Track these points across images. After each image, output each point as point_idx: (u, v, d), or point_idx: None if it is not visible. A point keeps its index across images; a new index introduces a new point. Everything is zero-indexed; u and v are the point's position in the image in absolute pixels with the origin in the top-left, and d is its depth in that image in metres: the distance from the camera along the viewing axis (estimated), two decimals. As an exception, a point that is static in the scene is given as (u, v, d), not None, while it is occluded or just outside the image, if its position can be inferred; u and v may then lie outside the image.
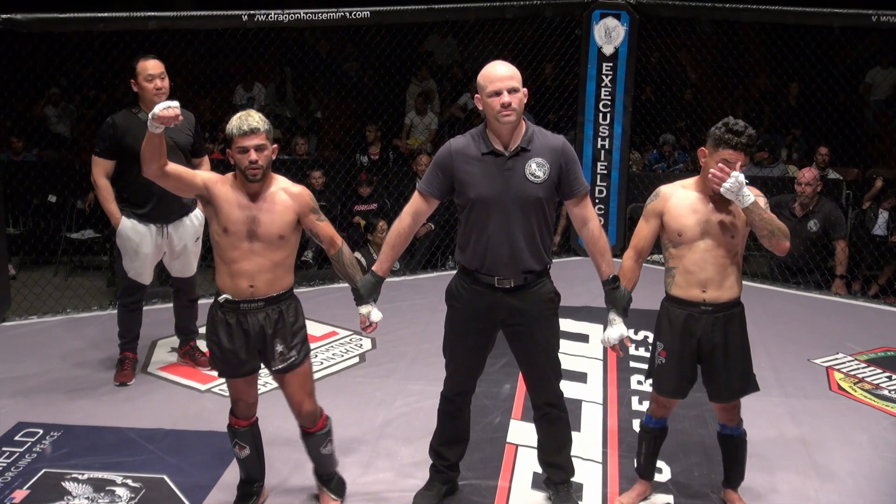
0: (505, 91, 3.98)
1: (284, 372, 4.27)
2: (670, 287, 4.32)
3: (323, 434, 4.43)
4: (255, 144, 4.05)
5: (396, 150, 10.88)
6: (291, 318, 4.26)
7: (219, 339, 4.24)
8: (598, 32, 8.37)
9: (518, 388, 5.68)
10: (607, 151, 8.52)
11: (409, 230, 4.30)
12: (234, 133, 4.07)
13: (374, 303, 4.33)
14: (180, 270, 6.01)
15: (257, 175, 4.07)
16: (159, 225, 5.79)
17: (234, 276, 4.17)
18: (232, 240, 4.14)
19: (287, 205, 4.18)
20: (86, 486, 4.69)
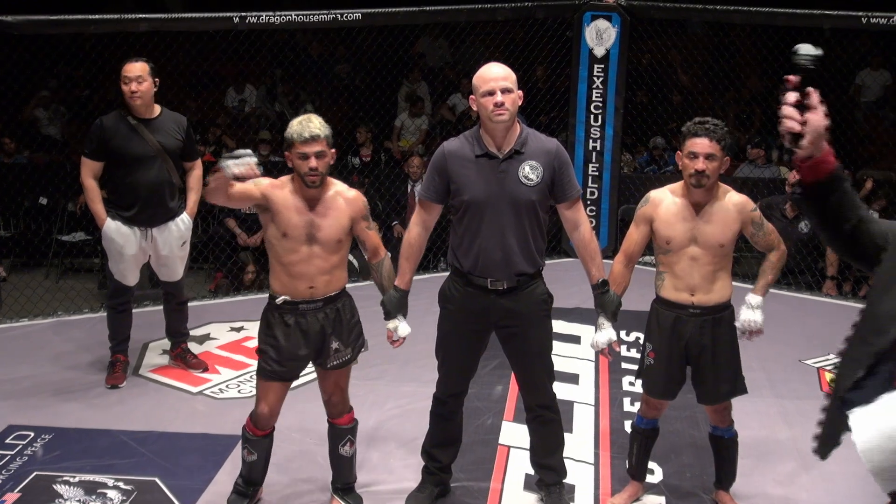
0: (498, 91, 3.99)
1: (338, 368, 4.35)
2: (660, 289, 4.33)
3: (346, 429, 4.47)
4: (316, 151, 4.05)
5: (388, 151, 10.88)
6: (348, 315, 4.34)
7: (276, 340, 4.26)
8: (590, 34, 8.38)
9: (510, 390, 5.69)
10: (599, 153, 8.53)
11: (419, 240, 4.31)
12: (295, 139, 4.05)
13: (403, 318, 4.36)
14: (168, 275, 6.00)
15: (316, 181, 4.09)
16: (143, 228, 5.77)
17: (293, 278, 4.20)
18: (291, 244, 4.16)
19: (343, 209, 4.21)
20: (77, 489, 4.68)
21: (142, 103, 5.65)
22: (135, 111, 5.67)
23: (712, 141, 4.09)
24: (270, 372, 4.29)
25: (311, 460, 4.95)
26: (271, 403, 4.33)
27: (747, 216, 4.22)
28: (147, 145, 5.65)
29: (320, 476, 4.78)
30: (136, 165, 5.66)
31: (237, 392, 5.88)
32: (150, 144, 5.66)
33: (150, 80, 5.66)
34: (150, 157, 5.66)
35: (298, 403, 5.29)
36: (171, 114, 5.86)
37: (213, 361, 6.32)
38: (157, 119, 5.75)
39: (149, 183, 5.68)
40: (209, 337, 6.76)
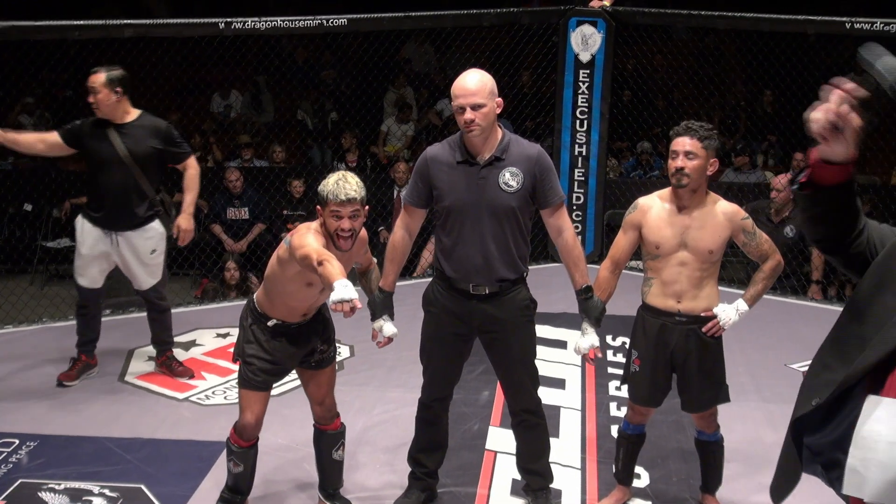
0: (468, 108, 3.99)
1: (318, 368, 4.37)
2: (646, 296, 4.34)
3: (337, 434, 4.49)
4: (350, 212, 3.96)
5: (374, 156, 10.88)
6: (327, 315, 4.38)
7: (266, 352, 4.23)
8: (575, 40, 8.40)
9: (496, 395, 5.68)
10: (584, 158, 8.54)
11: (403, 243, 4.33)
12: (330, 198, 3.96)
13: (388, 318, 4.37)
14: (138, 283, 5.98)
15: (347, 246, 4.01)
16: (107, 231, 5.77)
17: (291, 310, 4.22)
18: (309, 291, 4.13)
19: (357, 254, 4.23)
20: (63, 497, 4.66)
21: (101, 113, 5.67)
22: (106, 117, 5.68)
23: (693, 139, 4.11)
24: (259, 382, 4.25)
25: (297, 466, 4.94)
26: (257, 413, 4.30)
27: (738, 225, 4.22)
28: (114, 150, 5.65)
29: (305, 481, 4.78)
30: (103, 168, 5.69)
31: (223, 398, 5.86)
32: (117, 149, 5.65)
33: (106, 90, 5.62)
34: (117, 162, 5.66)
35: (284, 409, 5.28)
36: (149, 119, 5.83)
37: (199, 368, 6.30)
38: (130, 124, 5.74)
39: (114, 187, 5.68)
40: (195, 343, 6.75)
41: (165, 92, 10.75)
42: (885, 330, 2.17)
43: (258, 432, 4.38)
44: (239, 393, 4.33)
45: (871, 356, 2.17)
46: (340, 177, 4.01)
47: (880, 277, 2.27)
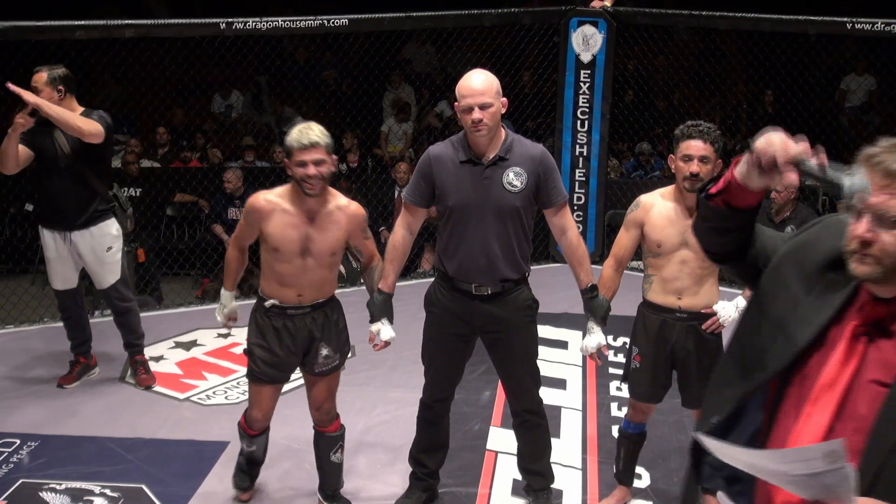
0: (476, 107, 3.98)
1: (325, 375, 4.36)
2: (647, 293, 4.34)
3: (336, 436, 4.50)
4: (314, 159, 3.99)
5: (375, 157, 10.89)
6: (336, 320, 4.36)
7: (266, 342, 4.28)
8: (576, 40, 8.40)
9: (498, 396, 5.69)
10: (585, 158, 8.55)
11: (404, 242, 4.31)
12: (294, 146, 4.00)
13: (387, 321, 4.34)
14: (97, 282, 5.93)
15: (314, 190, 4.04)
16: (61, 231, 5.73)
17: (283, 285, 4.22)
18: (284, 256, 4.17)
19: (341, 224, 4.21)
20: (64, 497, 4.66)
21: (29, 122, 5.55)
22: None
23: (706, 143, 4.10)
24: (260, 374, 4.31)
25: (299, 466, 4.94)
26: (264, 408, 4.39)
27: None
28: (58, 149, 5.61)
29: (306, 481, 4.78)
30: (49, 169, 5.64)
31: (224, 398, 5.86)
32: (62, 148, 5.61)
33: (48, 89, 5.55)
34: (62, 161, 5.61)
35: (285, 409, 5.28)
36: (90, 114, 5.67)
37: (200, 368, 6.31)
38: None
39: (60, 187, 5.62)
40: (196, 343, 6.75)
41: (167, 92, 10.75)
42: (778, 342, 2.10)
43: (267, 424, 4.50)
44: (248, 386, 4.45)
45: (766, 370, 2.11)
46: (304, 126, 4.08)
47: (772, 287, 2.19)
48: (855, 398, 1.95)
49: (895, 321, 1.95)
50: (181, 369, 6.32)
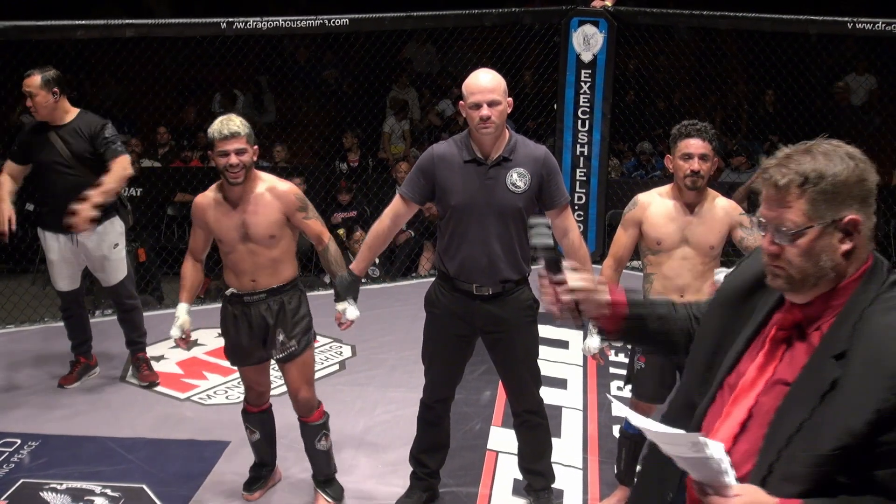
0: (485, 104, 3.98)
1: (284, 361, 4.43)
2: (648, 292, 4.34)
3: (317, 426, 4.54)
4: (235, 148, 4.15)
5: (376, 157, 10.88)
6: (293, 308, 4.41)
7: (227, 329, 4.46)
8: (577, 40, 8.39)
9: (498, 395, 5.68)
10: (586, 158, 8.54)
11: (387, 232, 4.32)
12: (215, 137, 4.17)
13: (353, 301, 4.38)
14: (104, 279, 5.95)
15: (238, 178, 4.18)
16: (67, 234, 5.70)
17: (237, 274, 4.35)
18: (227, 245, 4.32)
19: (273, 205, 4.29)
20: (64, 497, 4.66)
21: (40, 116, 5.61)
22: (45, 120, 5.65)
23: (705, 141, 4.12)
24: (229, 359, 4.57)
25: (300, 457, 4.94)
26: (251, 383, 4.58)
27: (736, 220, 4.23)
28: (57, 152, 5.61)
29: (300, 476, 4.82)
30: (50, 172, 5.64)
31: (225, 398, 5.86)
32: (60, 151, 5.61)
33: (42, 92, 5.55)
34: (63, 164, 5.62)
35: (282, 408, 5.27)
36: (86, 118, 5.72)
37: (201, 367, 6.31)
38: (68, 125, 5.66)
39: (63, 189, 5.60)
40: (197, 342, 6.74)
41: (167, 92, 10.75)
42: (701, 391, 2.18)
43: (265, 399, 4.64)
44: None
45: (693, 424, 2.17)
46: (224, 117, 4.23)
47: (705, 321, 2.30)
48: (765, 398, 2.03)
49: (811, 324, 2.01)
50: (182, 369, 6.32)
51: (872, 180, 1.94)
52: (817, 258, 1.94)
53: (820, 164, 1.93)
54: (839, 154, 1.95)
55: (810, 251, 1.94)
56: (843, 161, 1.93)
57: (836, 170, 1.92)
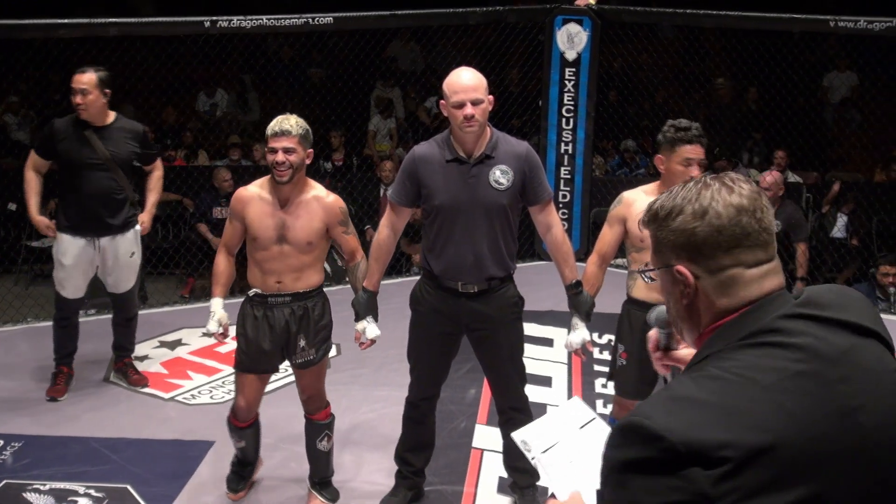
0: (468, 103, 3.99)
1: (301, 368, 4.42)
2: (632, 289, 4.35)
3: (323, 424, 4.54)
4: (284, 146, 4.16)
5: (361, 156, 10.87)
6: (317, 316, 4.40)
7: (245, 331, 4.39)
8: (561, 38, 8.40)
9: (483, 393, 5.69)
10: (570, 156, 8.55)
11: (388, 241, 4.32)
12: (267, 133, 4.22)
13: (372, 319, 4.38)
14: (113, 285, 5.89)
15: (283, 177, 4.19)
16: (90, 238, 5.67)
17: (263, 273, 4.33)
18: (262, 243, 4.29)
19: (317, 214, 4.30)
20: (48, 497, 4.64)
21: (88, 115, 5.55)
22: (86, 119, 5.59)
23: (702, 147, 4.17)
24: (240, 363, 4.43)
25: (288, 458, 4.94)
26: (247, 397, 4.45)
27: None
28: (96, 154, 5.56)
29: (298, 472, 4.80)
30: (84, 173, 5.57)
31: (209, 398, 5.85)
32: (100, 153, 5.56)
33: (97, 91, 5.52)
34: (99, 166, 5.57)
35: (278, 401, 5.28)
36: (126, 122, 5.77)
37: (185, 367, 6.29)
38: (109, 127, 5.64)
39: (96, 192, 5.58)
40: (181, 342, 6.73)
41: (150, 90, 10.72)
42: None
43: (252, 415, 4.53)
44: (235, 376, 4.55)
45: None
46: (283, 116, 4.26)
47: None
48: None
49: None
50: (166, 369, 6.30)
51: (708, 239, 1.67)
52: (669, 299, 1.82)
53: (668, 202, 1.76)
54: (705, 197, 1.70)
55: (664, 291, 1.82)
56: (695, 207, 1.69)
57: (680, 213, 1.72)
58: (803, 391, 1.51)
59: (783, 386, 1.50)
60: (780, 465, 1.45)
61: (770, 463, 1.45)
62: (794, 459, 1.46)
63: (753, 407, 1.48)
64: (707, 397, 1.50)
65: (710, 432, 1.44)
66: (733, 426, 1.45)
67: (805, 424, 1.48)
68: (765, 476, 1.44)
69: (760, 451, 1.44)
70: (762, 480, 1.44)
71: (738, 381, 1.51)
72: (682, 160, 4.15)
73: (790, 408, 1.49)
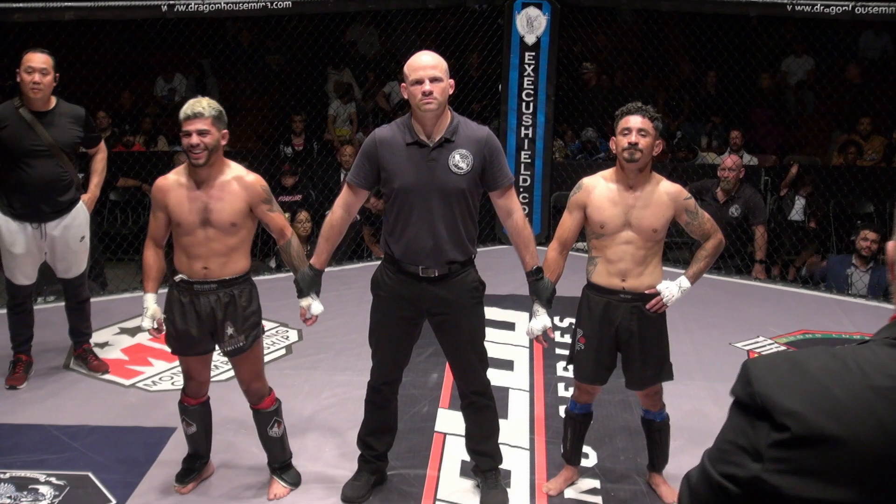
0: (427, 80, 4.00)
1: (232, 355, 4.41)
2: (591, 274, 4.37)
3: (268, 413, 4.53)
4: (198, 129, 4.15)
5: (321, 140, 10.83)
6: (244, 303, 4.38)
7: (173, 316, 4.37)
8: (521, 22, 8.42)
9: (445, 378, 5.71)
10: (531, 140, 8.58)
11: (341, 222, 4.31)
12: (181, 117, 4.19)
13: (316, 296, 4.39)
14: (64, 271, 5.83)
15: (199, 159, 4.17)
16: (36, 224, 5.60)
17: (189, 259, 4.30)
18: (186, 228, 4.26)
19: (238, 194, 4.27)
20: (8, 486, 4.61)
21: (41, 96, 5.47)
22: (30, 104, 5.48)
23: (644, 118, 4.16)
24: (172, 348, 4.48)
25: (249, 444, 4.93)
26: (192, 374, 4.51)
27: (681, 204, 4.27)
28: (38, 140, 5.47)
29: (256, 462, 4.80)
30: (27, 160, 5.47)
31: (170, 384, 5.82)
32: (43, 139, 5.47)
33: (52, 73, 5.47)
34: (42, 152, 5.48)
35: (230, 394, 5.26)
36: (67, 106, 5.66)
37: (146, 354, 6.26)
38: (51, 112, 5.55)
39: (40, 178, 5.50)
40: (141, 329, 6.67)
41: (108, 75, 10.60)
42: None
43: (203, 392, 4.56)
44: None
45: None
46: (195, 99, 4.27)
47: None
48: None
49: None
50: (126, 355, 6.27)
51: None
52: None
53: None
54: None
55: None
56: None
57: None
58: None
59: (890, 395, 1.49)
60: (841, 461, 1.46)
61: (830, 454, 1.46)
62: (857, 462, 1.46)
63: (847, 398, 1.48)
64: (814, 371, 1.53)
65: (786, 399, 1.49)
66: (814, 404, 1.48)
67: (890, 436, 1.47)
68: (818, 463, 1.45)
69: (824, 439, 1.46)
70: (813, 466, 1.45)
71: (853, 371, 1.52)
72: (622, 130, 4.18)
73: (882, 415, 1.48)
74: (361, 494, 4.55)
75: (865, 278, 7.70)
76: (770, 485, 1.47)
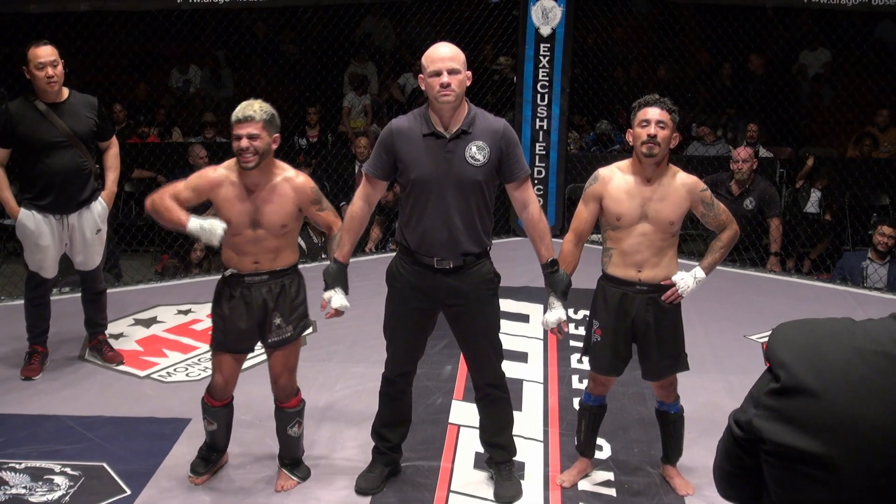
0: (445, 72, 3.99)
1: (275, 347, 4.40)
2: (607, 266, 4.36)
3: (293, 412, 4.53)
4: (249, 133, 4.12)
5: (335, 132, 10.83)
6: (293, 293, 4.40)
7: (221, 310, 4.38)
8: (536, 13, 8.39)
9: (460, 369, 5.70)
10: (546, 132, 8.56)
11: (361, 213, 4.31)
12: (232, 119, 4.17)
13: (341, 290, 4.34)
14: (83, 263, 5.84)
15: (249, 163, 4.15)
16: (59, 216, 5.62)
17: (239, 255, 4.31)
18: (235, 228, 4.25)
19: (289, 196, 4.28)
20: (23, 476, 4.63)
21: (58, 88, 5.47)
22: (44, 96, 5.48)
23: (663, 110, 4.14)
24: (217, 342, 4.43)
25: (263, 435, 4.94)
26: (224, 375, 4.46)
27: (697, 196, 4.26)
28: (57, 131, 5.47)
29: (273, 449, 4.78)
30: (47, 152, 5.49)
31: (185, 375, 5.84)
32: (61, 130, 5.48)
33: (60, 63, 5.47)
34: (62, 143, 5.49)
35: (256, 378, 5.26)
36: (80, 96, 5.67)
37: (161, 345, 6.27)
38: (66, 103, 5.55)
39: (62, 169, 5.51)
40: (156, 320, 6.71)
41: (123, 67, 10.62)
42: None
43: (229, 394, 4.53)
44: (211, 354, 4.53)
45: None
46: (247, 102, 4.22)
47: None
48: None
49: None
50: (141, 346, 6.28)
51: None
52: None
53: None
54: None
55: None
56: None
57: None
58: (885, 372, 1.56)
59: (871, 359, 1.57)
60: (813, 413, 1.56)
61: (807, 405, 1.57)
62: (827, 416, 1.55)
63: (833, 357, 1.59)
64: (819, 332, 1.64)
65: (784, 353, 1.62)
66: (803, 359, 1.59)
67: (861, 396, 1.55)
68: (796, 414, 1.57)
69: (803, 391, 1.57)
70: (792, 415, 1.57)
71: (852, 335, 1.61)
72: (640, 122, 4.17)
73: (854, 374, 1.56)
74: (376, 486, 4.55)
75: (882, 271, 7.67)
76: (756, 428, 1.61)
